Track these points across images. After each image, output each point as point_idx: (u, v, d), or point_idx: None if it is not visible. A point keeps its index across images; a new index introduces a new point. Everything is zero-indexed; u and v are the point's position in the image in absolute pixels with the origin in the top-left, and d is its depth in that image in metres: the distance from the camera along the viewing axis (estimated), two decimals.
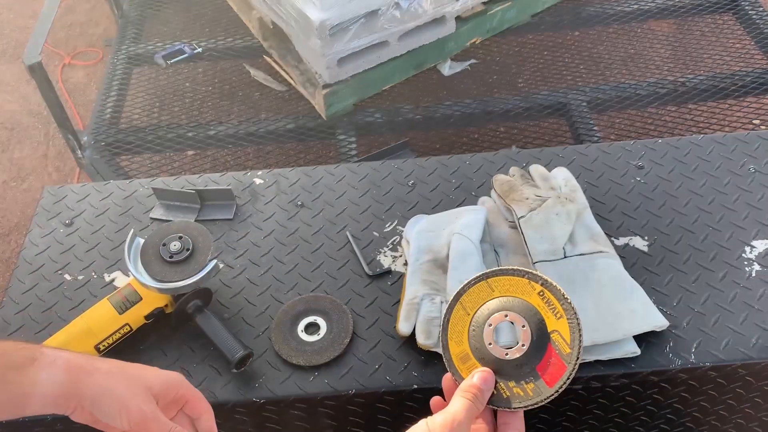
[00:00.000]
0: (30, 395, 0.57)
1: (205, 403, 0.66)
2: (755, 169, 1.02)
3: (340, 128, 1.77)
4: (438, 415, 0.57)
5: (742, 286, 0.86)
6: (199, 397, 0.65)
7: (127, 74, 1.99)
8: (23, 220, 2.15)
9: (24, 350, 0.59)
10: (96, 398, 0.59)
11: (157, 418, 0.61)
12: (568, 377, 0.59)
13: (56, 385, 0.58)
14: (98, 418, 0.60)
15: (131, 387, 0.61)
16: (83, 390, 0.59)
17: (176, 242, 0.85)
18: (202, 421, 0.65)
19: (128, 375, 0.62)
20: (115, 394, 0.60)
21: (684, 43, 2.18)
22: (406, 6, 1.70)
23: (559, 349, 0.60)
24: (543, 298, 0.62)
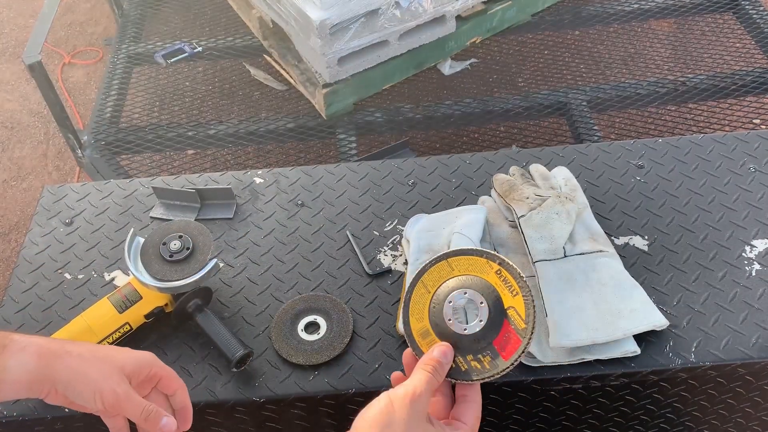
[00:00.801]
0: (1, 381, 0.58)
1: (178, 379, 0.67)
2: (755, 168, 1.02)
3: (340, 127, 1.77)
4: (399, 387, 0.58)
5: (742, 286, 0.86)
6: (171, 374, 0.67)
7: (127, 73, 1.99)
8: (23, 219, 2.15)
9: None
10: (69, 382, 0.60)
11: (131, 398, 0.62)
12: (522, 351, 0.61)
13: (27, 371, 0.59)
14: (72, 401, 0.61)
15: (103, 369, 0.62)
16: (55, 374, 0.60)
17: (176, 241, 0.85)
18: (176, 397, 0.67)
19: (100, 357, 0.63)
20: (88, 377, 0.61)
21: (684, 42, 2.18)
22: (407, 5, 1.70)
23: (515, 325, 0.62)
24: (500, 277, 0.64)
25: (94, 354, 0.63)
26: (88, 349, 0.64)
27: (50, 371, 0.60)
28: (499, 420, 0.87)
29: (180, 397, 0.67)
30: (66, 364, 0.61)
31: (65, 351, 0.62)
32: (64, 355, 0.62)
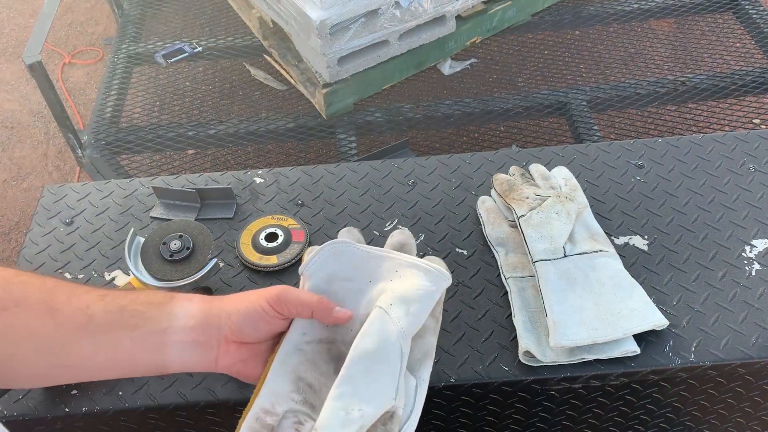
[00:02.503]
0: (168, 330, 0.56)
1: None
2: (755, 168, 1.02)
3: (340, 127, 1.77)
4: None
5: (742, 285, 0.87)
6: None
7: (128, 73, 1.99)
8: (23, 218, 2.15)
9: (164, 293, 0.59)
10: (232, 308, 0.57)
11: (292, 289, 0.58)
12: None
13: (192, 315, 0.57)
14: (238, 334, 0.56)
15: (260, 291, 0.59)
16: (219, 313, 0.57)
17: (176, 241, 0.85)
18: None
19: (254, 290, 0.60)
20: (246, 298, 0.58)
21: (684, 42, 2.18)
22: (407, 5, 1.70)
23: None
24: None
25: (250, 291, 0.60)
26: (245, 292, 0.61)
27: (213, 313, 0.57)
28: (499, 419, 0.87)
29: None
30: (227, 298, 0.59)
31: (227, 297, 0.60)
32: (227, 299, 0.59)
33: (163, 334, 0.56)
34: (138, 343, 0.56)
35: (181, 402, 0.79)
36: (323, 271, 0.59)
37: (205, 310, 0.57)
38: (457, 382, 0.79)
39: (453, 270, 0.91)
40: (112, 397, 0.79)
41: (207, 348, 0.57)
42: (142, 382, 0.80)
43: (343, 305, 0.57)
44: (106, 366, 0.57)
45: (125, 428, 0.82)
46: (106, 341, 0.56)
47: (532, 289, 0.85)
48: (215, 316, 0.57)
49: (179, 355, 0.56)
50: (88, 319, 0.56)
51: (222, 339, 0.57)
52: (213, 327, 0.57)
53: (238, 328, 0.57)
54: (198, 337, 0.56)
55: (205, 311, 0.57)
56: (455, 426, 0.87)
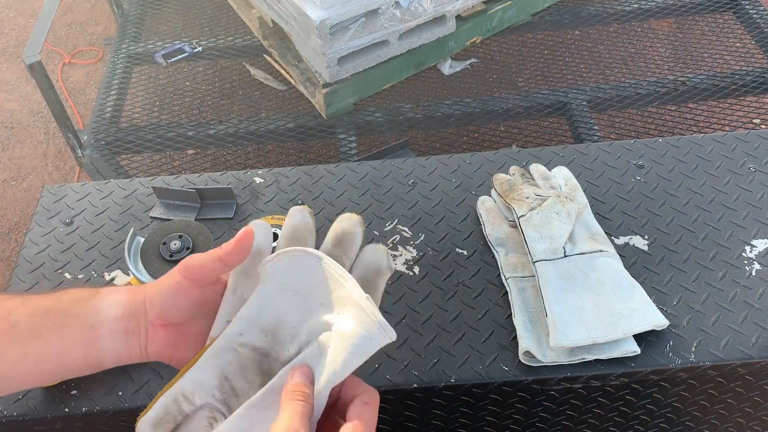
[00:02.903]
0: (97, 324, 0.55)
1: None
2: (755, 168, 1.02)
3: (340, 127, 1.77)
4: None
5: (742, 285, 0.86)
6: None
7: (127, 73, 1.99)
8: (23, 218, 2.15)
9: (89, 288, 0.58)
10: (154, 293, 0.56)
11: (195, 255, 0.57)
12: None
13: (120, 306, 0.56)
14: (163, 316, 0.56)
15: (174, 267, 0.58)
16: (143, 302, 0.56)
17: (176, 241, 0.85)
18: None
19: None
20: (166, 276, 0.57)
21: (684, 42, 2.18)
22: (407, 5, 1.70)
23: None
24: None
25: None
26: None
27: (138, 300, 0.56)
28: (498, 420, 0.87)
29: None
30: (149, 285, 0.58)
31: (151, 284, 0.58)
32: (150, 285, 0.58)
33: (92, 329, 0.55)
34: (67, 341, 0.55)
35: None
36: (280, 276, 0.57)
37: (131, 298, 0.57)
38: (457, 382, 0.79)
39: (453, 270, 0.91)
40: (112, 398, 0.79)
41: (135, 335, 0.56)
42: (141, 381, 0.80)
43: (287, 318, 0.55)
44: (37, 371, 0.55)
45: (125, 428, 0.82)
46: (34, 346, 0.54)
47: (532, 289, 0.85)
48: (140, 303, 0.56)
49: (111, 347, 0.55)
50: (11, 326, 0.54)
51: (149, 325, 0.56)
52: (139, 313, 0.56)
53: (161, 308, 0.56)
54: (126, 325, 0.55)
55: (130, 299, 0.56)
56: (455, 426, 0.87)
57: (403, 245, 0.95)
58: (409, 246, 0.95)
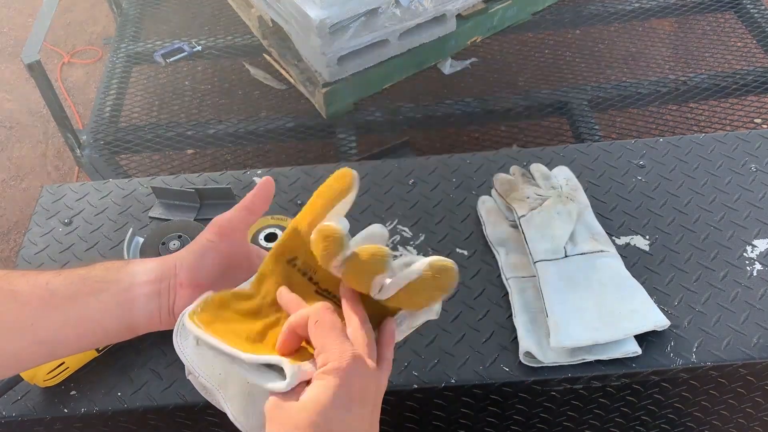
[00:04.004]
0: (132, 287, 0.57)
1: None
2: (757, 168, 1.01)
3: (340, 127, 1.77)
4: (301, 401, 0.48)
5: (744, 286, 0.86)
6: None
7: (127, 73, 1.99)
8: (22, 218, 2.15)
9: (118, 260, 0.62)
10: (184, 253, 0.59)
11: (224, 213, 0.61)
12: None
13: (152, 270, 0.58)
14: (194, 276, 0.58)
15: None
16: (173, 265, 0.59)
17: (175, 241, 0.85)
18: None
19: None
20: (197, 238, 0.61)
21: (685, 41, 2.18)
22: (407, 4, 1.70)
23: None
24: None
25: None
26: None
27: (168, 263, 0.59)
28: (499, 420, 0.86)
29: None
30: (180, 254, 0.61)
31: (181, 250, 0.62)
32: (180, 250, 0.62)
33: (127, 292, 0.57)
34: (105, 303, 0.57)
35: (180, 403, 0.78)
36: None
37: (162, 263, 0.59)
38: (458, 383, 0.79)
39: None
40: (111, 398, 0.79)
41: (165, 296, 0.58)
42: (141, 382, 0.80)
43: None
44: (77, 336, 0.58)
45: (124, 429, 0.81)
46: (73, 310, 0.56)
47: (533, 289, 0.85)
48: (170, 266, 0.59)
49: (145, 309, 0.58)
50: (51, 293, 0.56)
51: (177, 285, 0.58)
52: (169, 275, 0.58)
53: (190, 268, 0.59)
54: (158, 287, 0.58)
55: (161, 264, 0.59)
56: (456, 427, 0.87)
57: (403, 245, 0.94)
58: (409, 246, 0.94)
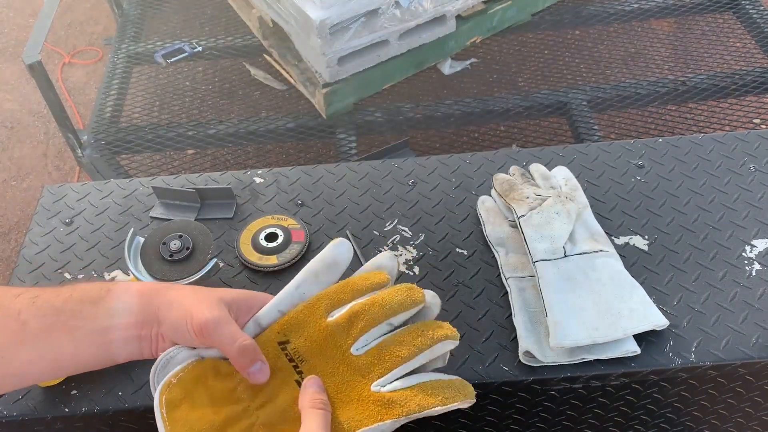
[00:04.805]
0: (110, 329, 0.55)
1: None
2: (755, 168, 1.02)
3: (340, 127, 1.77)
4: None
5: (743, 285, 0.86)
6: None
7: (127, 73, 1.99)
8: (23, 218, 2.15)
9: (97, 285, 0.58)
10: (167, 314, 0.56)
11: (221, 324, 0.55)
12: None
13: (132, 312, 0.56)
14: (172, 339, 0.57)
15: (199, 295, 0.57)
16: (157, 310, 0.56)
17: (176, 241, 0.85)
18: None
19: (199, 289, 0.59)
20: (182, 304, 0.57)
21: (684, 42, 2.18)
22: (407, 5, 1.70)
23: None
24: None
25: (195, 287, 0.59)
26: (191, 286, 0.60)
27: (152, 308, 0.56)
28: (498, 420, 0.87)
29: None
30: (166, 297, 0.57)
31: (166, 287, 0.59)
32: (165, 290, 0.58)
33: (105, 332, 0.55)
34: (80, 343, 0.55)
35: None
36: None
37: (144, 306, 0.57)
38: None
39: (453, 270, 0.91)
40: (112, 398, 0.79)
41: (147, 341, 0.57)
42: (141, 382, 0.80)
43: None
44: (51, 369, 0.56)
45: (125, 428, 0.82)
46: (46, 347, 0.55)
47: (533, 289, 0.85)
48: (153, 311, 0.57)
49: (124, 350, 0.56)
50: (22, 326, 0.54)
51: (159, 335, 0.57)
52: (152, 322, 0.57)
53: (173, 326, 0.57)
54: (138, 332, 0.56)
55: (143, 307, 0.57)
56: (455, 426, 0.87)
57: (403, 245, 0.95)
58: (409, 246, 0.95)
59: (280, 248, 0.93)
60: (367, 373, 0.55)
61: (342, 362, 0.56)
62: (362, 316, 0.56)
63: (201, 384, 0.55)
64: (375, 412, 0.53)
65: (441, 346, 0.56)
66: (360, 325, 0.56)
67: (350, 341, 0.56)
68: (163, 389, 0.55)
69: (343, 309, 0.58)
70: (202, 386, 0.55)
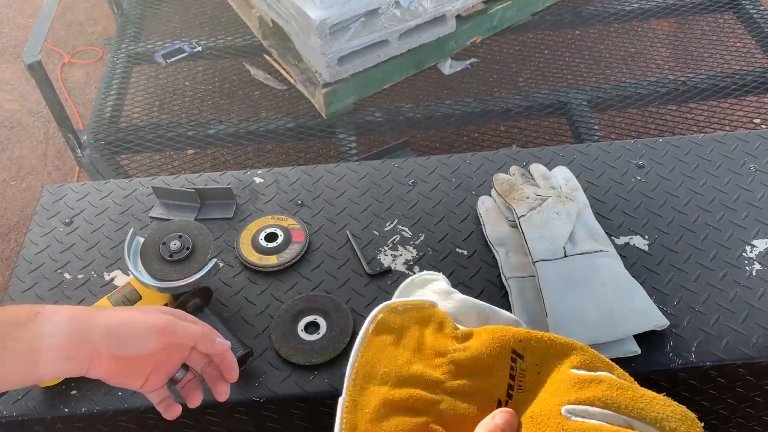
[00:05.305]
0: (39, 350, 0.55)
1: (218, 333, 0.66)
2: (756, 168, 1.01)
3: (340, 127, 1.77)
4: None
5: (743, 286, 0.86)
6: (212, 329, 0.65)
7: (127, 73, 1.99)
8: (23, 218, 2.15)
9: (26, 308, 0.58)
10: (111, 329, 0.57)
11: (179, 321, 0.60)
12: None
13: (63, 334, 0.56)
14: (116, 353, 0.57)
15: (143, 309, 0.61)
16: (95, 332, 0.57)
17: (176, 241, 0.85)
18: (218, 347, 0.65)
19: (138, 307, 0.63)
20: (131, 317, 0.59)
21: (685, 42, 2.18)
22: (407, 5, 1.70)
23: None
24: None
25: (130, 307, 0.63)
26: (124, 307, 0.63)
27: (88, 331, 0.57)
28: None
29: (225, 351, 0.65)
30: (104, 317, 0.58)
31: (101, 309, 0.60)
32: (101, 311, 0.59)
33: (33, 354, 0.55)
34: (8, 363, 0.55)
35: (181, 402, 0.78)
36: None
37: (77, 326, 0.57)
38: None
39: (453, 270, 0.91)
40: (112, 398, 0.79)
41: (77, 361, 0.57)
42: None
43: None
44: None
45: (125, 428, 0.82)
46: None
47: (533, 289, 0.85)
48: (87, 331, 0.57)
49: (52, 369, 0.56)
50: None
51: (95, 353, 0.57)
52: (86, 342, 0.57)
53: (118, 346, 0.58)
54: (68, 353, 0.56)
55: (76, 327, 0.57)
56: None
57: (403, 245, 0.95)
58: (409, 246, 0.95)
59: (280, 248, 0.93)
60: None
61: (548, 413, 0.47)
62: (605, 387, 0.48)
63: (421, 327, 0.52)
64: None
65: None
66: (594, 392, 0.47)
67: (571, 399, 0.47)
68: (385, 309, 0.53)
69: (595, 372, 0.50)
70: (419, 331, 0.52)
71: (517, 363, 0.51)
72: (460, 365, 0.51)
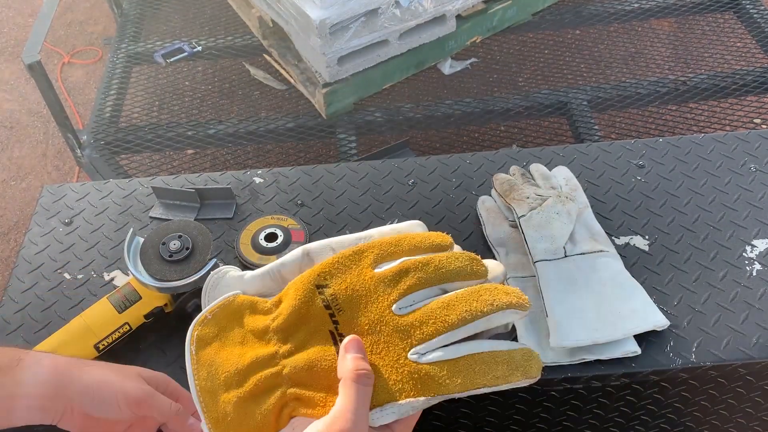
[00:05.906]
0: (15, 397, 0.56)
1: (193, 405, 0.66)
2: (756, 168, 1.01)
3: (340, 127, 1.77)
4: (328, 416, 0.46)
5: (743, 286, 0.86)
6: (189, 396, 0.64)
7: (127, 73, 1.99)
8: (22, 218, 2.15)
9: (10, 353, 0.59)
10: (87, 389, 0.58)
11: (157, 395, 0.61)
12: None
13: (41, 384, 0.57)
14: (89, 413, 0.58)
15: (123, 373, 0.62)
16: (72, 387, 0.58)
17: (176, 241, 0.85)
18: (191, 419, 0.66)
19: (118, 367, 0.63)
20: (109, 380, 0.60)
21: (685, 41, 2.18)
22: (407, 5, 1.70)
23: None
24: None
25: (111, 365, 0.63)
26: (106, 363, 0.64)
27: (65, 386, 0.58)
28: (499, 420, 0.87)
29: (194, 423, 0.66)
30: (84, 374, 0.59)
31: (83, 363, 0.61)
32: (82, 366, 0.60)
33: (9, 399, 0.56)
34: None
35: None
36: None
37: (56, 381, 0.58)
38: None
39: None
40: None
41: (51, 412, 0.58)
42: None
43: None
44: None
45: None
46: None
47: (533, 289, 0.85)
48: (66, 387, 0.58)
49: (25, 415, 0.57)
50: None
51: (68, 408, 0.58)
52: (61, 397, 0.58)
53: (90, 406, 0.58)
54: (43, 403, 0.57)
55: (56, 382, 0.58)
56: (455, 427, 0.87)
57: None
58: None
59: (280, 248, 0.93)
60: (406, 335, 0.48)
61: (381, 319, 0.49)
62: (413, 273, 0.49)
63: (236, 320, 0.53)
64: (409, 385, 0.47)
65: (500, 316, 0.47)
66: (408, 283, 0.49)
67: (394, 297, 0.49)
68: (197, 325, 0.53)
69: (393, 263, 0.51)
70: (237, 323, 0.52)
71: (324, 292, 0.51)
72: (283, 330, 0.52)
